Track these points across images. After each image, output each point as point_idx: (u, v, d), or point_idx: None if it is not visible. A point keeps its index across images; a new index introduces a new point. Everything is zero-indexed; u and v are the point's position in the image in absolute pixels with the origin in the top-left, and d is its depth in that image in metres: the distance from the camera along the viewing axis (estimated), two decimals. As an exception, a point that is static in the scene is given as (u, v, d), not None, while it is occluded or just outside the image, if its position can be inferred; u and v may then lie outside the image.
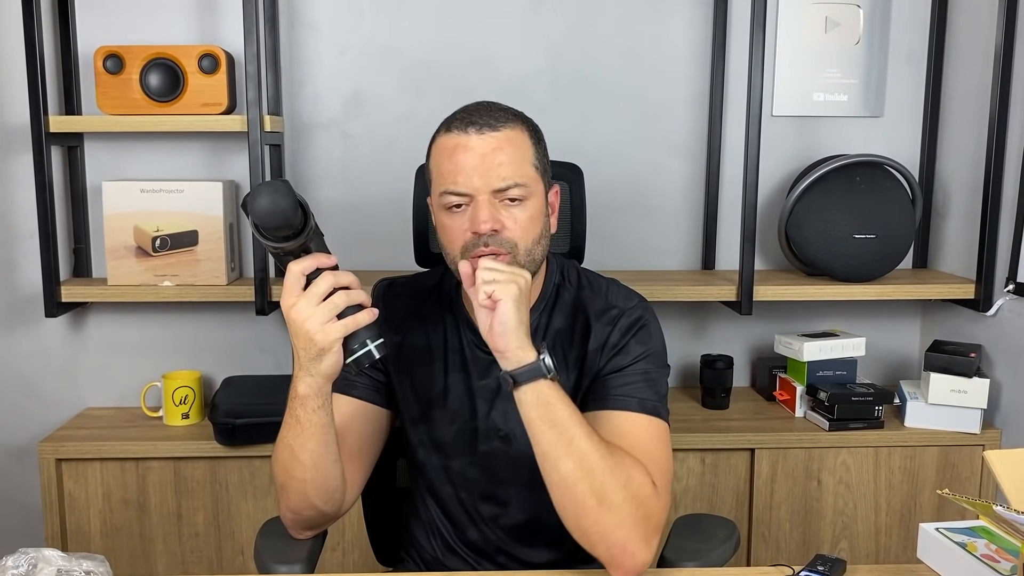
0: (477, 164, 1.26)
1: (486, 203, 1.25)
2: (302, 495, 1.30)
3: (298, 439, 1.25)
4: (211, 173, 2.28)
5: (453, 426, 1.39)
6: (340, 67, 2.29)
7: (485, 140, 1.26)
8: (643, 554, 1.18)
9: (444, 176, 1.28)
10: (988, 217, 2.12)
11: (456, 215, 1.28)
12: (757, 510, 2.14)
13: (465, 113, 1.30)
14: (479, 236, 1.25)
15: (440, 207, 1.30)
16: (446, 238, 1.30)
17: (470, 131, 1.27)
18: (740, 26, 2.28)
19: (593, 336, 1.35)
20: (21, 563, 1.06)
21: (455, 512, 1.43)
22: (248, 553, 2.11)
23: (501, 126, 1.28)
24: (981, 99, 2.16)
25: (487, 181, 1.25)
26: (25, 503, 2.30)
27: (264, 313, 2.12)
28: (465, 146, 1.26)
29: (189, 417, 2.19)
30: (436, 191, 1.30)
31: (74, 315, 2.30)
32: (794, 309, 2.42)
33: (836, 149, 2.34)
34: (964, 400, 2.10)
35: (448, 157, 1.27)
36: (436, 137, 1.32)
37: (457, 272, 1.27)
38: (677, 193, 2.39)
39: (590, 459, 1.17)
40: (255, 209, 1.13)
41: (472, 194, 1.26)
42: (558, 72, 2.32)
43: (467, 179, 1.26)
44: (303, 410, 1.23)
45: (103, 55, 2.06)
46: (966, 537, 1.25)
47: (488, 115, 1.29)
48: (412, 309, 1.43)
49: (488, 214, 1.25)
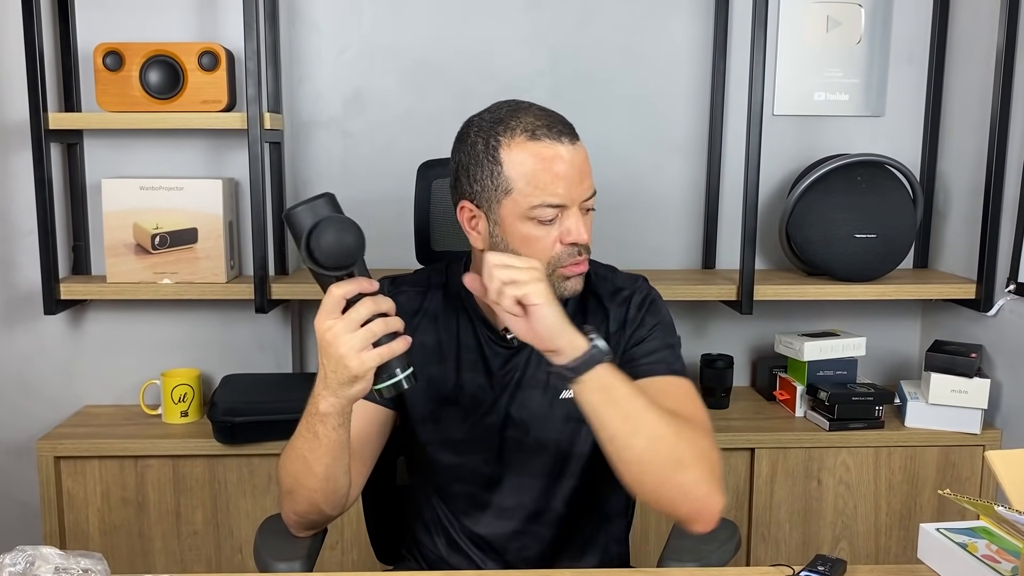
0: (575, 175, 1.26)
1: (579, 214, 1.28)
2: (311, 502, 1.30)
3: (314, 453, 1.24)
4: (211, 171, 2.28)
5: (466, 423, 1.39)
6: (340, 65, 2.29)
7: (577, 151, 1.27)
8: (721, 501, 1.22)
9: (541, 187, 1.25)
10: (989, 217, 2.11)
11: (544, 226, 1.27)
12: (757, 510, 2.14)
13: (542, 120, 1.27)
14: (575, 246, 1.27)
15: (523, 217, 1.26)
16: (530, 250, 1.27)
17: (564, 141, 1.26)
18: (741, 25, 2.28)
19: (612, 317, 1.39)
20: (19, 561, 1.06)
21: (465, 508, 1.42)
22: (247, 551, 2.11)
23: (577, 135, 1.29)
24: (982, 99, 2.16)
25: (581, 192, 1.28)
26: (23, 501, 2.30)
27: (263, 311, 2.11)
28: (563, 157, 1.26)
29: (188, 415, 2.19)
30: (524, 203, 1.26)
31: (73, 313, 2.30)
32: (794, 309, 2.42)
33: (837, 149, 2.33)
34: (964, 400, 2.10)
35: (547, 167, 1.25)
36: (514, 143, 1.26)
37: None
38: (678, 192, 2.39)
39: (659, 429, 1.18)
40: (320, 247, 1.12)
41: (568, 205, 1.27)
42: (558, 71, 2.31)
43: (567, 190, 1.26)
44: (323, 427, 1.22)
45: (103, 52, 2.06)
46: (967, 538, 1.24)
47: (564, 123, 1.29)
48: (421, 307, 1.42)
49: (585, 225, 1.28)
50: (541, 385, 1.38)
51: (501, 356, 1.39)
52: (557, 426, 1.38)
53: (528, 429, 1.38)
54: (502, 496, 1.41)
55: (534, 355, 1.37)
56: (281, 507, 1.36)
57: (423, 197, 1.67)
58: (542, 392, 1.38)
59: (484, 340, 1.40)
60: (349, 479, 1.31)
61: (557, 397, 1.38)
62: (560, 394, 1.38)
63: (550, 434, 1.38)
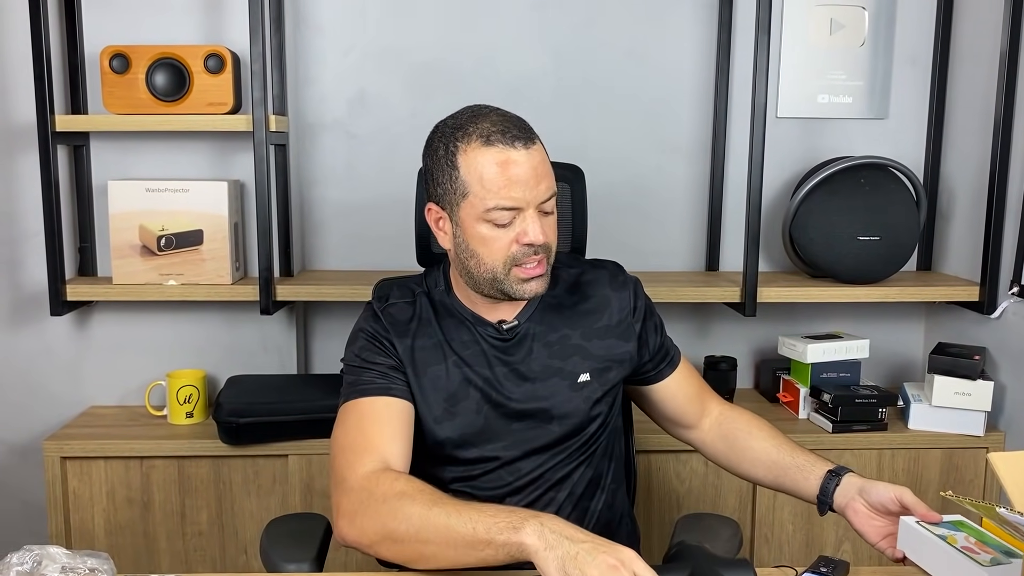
0: (529, 178, 1.30)
1: (535, 215, 1.32)
2: (398, 558, 1.22)
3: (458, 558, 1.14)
4: (216, 173, 2.29)
5: (479, 415, 1.41)
6: (345, 68, 2.30)
7: (531, 155, 1.31)
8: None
9: (494, 191, 1.30)
10: (993, 219, 2.12)
11: (500, 228, 1.32)
12: (760, 511, 2.14)
13: (498, 125, 1.31)
14: (531, 247, 1.32)
15: (479, 219, 1.32)
16: (487, 250, 1.33)
17: (517, 146, 1.30)
18: (745, 27, 2.28)
19: (618, 304, 1.49)
20: (26, 560, 1.07)
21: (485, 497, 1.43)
22: (251, 551, 2.12)
23: (533, 137, 1.34)
24: (986, 101, 2.16)
25: (536, 194, 1.31)
26: (29, 501, 2.31)
27: (268, 313, 2.12)
28: (516, 162, 1.30)
29: (193, 416, 2.20)
30: (477, 203, 1.31)
31: (79, 314, 2.31)
32: (798, 311, 2.42)
33: (840, 151, 2.34)
34: (968, 403, 2.10)
35: (500, 171, 1.29)
36: (465, 147, 1.31)
37: (494, 279, 1.34)
38: (681, 194, 2.40)
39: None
40: None
41: (523, 207, 1.31)
42: (562, 73, 2.32)
43: (521, 193, 1.30)
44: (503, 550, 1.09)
45: (109, 55, 2.07)
46: (946, 530, 1.25)
47: (520, 128, 1.33)
48: (414, 314, 1.45)
49: (540, 226, 1.32)
50: (552, 372, 1.43)
51: (500, 347, 1.42)
52: (573, 409, 1.43)
53: (545, 415, 1.42)
54: (521, 476, 1.43)
55: (542, 345, 1.42)
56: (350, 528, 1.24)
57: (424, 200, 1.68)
58: (554, 379, 1.42)
59: (480, 336, 1.43)
60: None
61: (573, 381, 1.43)
62: (578, 378, 1.43)
63: (566, 416, 1.43)
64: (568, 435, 1.44)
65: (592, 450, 1.48)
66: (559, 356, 1.43)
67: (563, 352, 1.43)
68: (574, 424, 1.43)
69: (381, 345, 1.41)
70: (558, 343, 1.44)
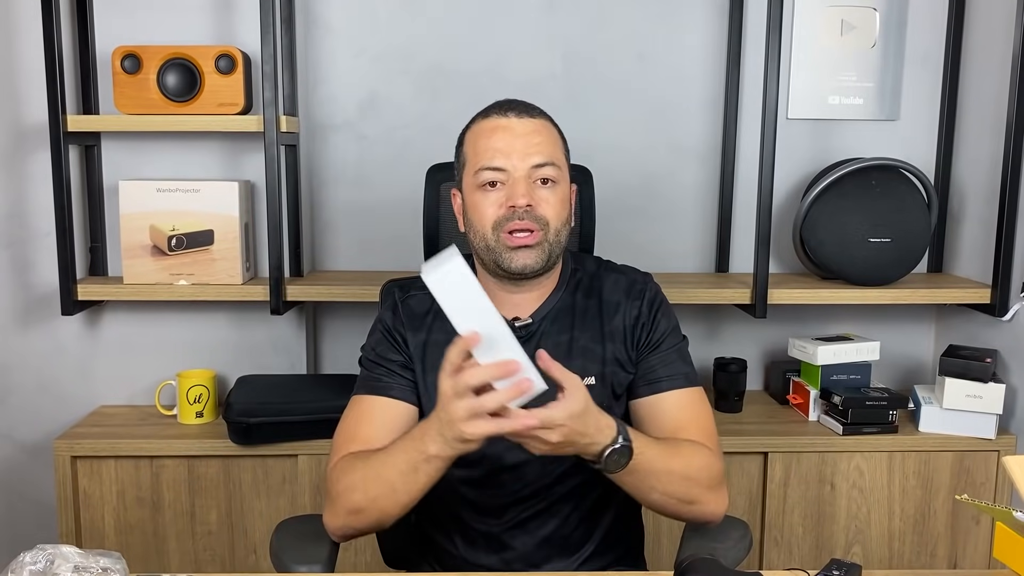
0: (516, 142, 1.34)
1: (523, 179, 1.34)
2: (378, 523, 1.32)
3: (407, 486, 1.25)
4: (227, 173, 2.29)
5: None
6: (355, 69, 2.30)
7: (524, 123, 1.36)
8: (723, 506, 1.37)
9: (482, 154, 1.35)
10: (1004, 221, 2.11)
11: (490, 192, 1.35)
12: (770, 514, 2.13)
13: (501, 102, 1.40)
14: (514, 210, 1.33)
15: (474, 186, 1.36)
16: (477, 215, 1.36)
17: (510, 115, 1.36)
18: (755, 29, 2.28)
19: (626, 311, 1.45)
20: (39, 559, 1.07)
21: (488, 498, 1.44)
22: (261, 552, 2.12)
23: (536, 114, 1.39)
24: (998, 103, 2.15)
25: (525, 159, 1.34)
26: (39, 500, 2.32)
27: (279, 313, 2.13)
28: (506, 127, 1.35)
29: (203, 416, 2.20)
30: (471, 170, 1.37)
31: (90, 313, 2.31)
32: (808, 312, 2.41)
33: (851, 152, 2.33)
34: (979, 405, 2.09)
35: (487, 137, 1.36)
36: (471, 126, 1.41)
37: (487, 248, 1.36)
38: (691, 196, 2.39)
39: (670, 480, 1.30)
40: None
41: (510, 171, 1.34)
42: (572, 75, 2.32)
43: (506, 157, 1.34)
44: (427, 467, 1.23)
45: (121, 55, 2.08)
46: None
47: (524, 105, 1.40)
48: (431, 307, 1.44)
49: (525, 189, 1.33)
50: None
51: None
52: None
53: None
54: (527, 484, 1.42)
55: (549, 346, 1.40)
56: (333, 517, 1.35)
57: (432, 200, 1.68)
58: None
59: None
60: None
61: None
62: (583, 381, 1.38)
63: None
64: None
65: None
66: (564, 357, 1.40)
67: (569, 354, 1.42)
68: None
69: (394, 341, 1.43)
70: (566, 344, 1.43)
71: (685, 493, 1.32)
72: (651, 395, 1.42)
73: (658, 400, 1.41)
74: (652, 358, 1.43)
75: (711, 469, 1.34)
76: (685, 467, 1.31)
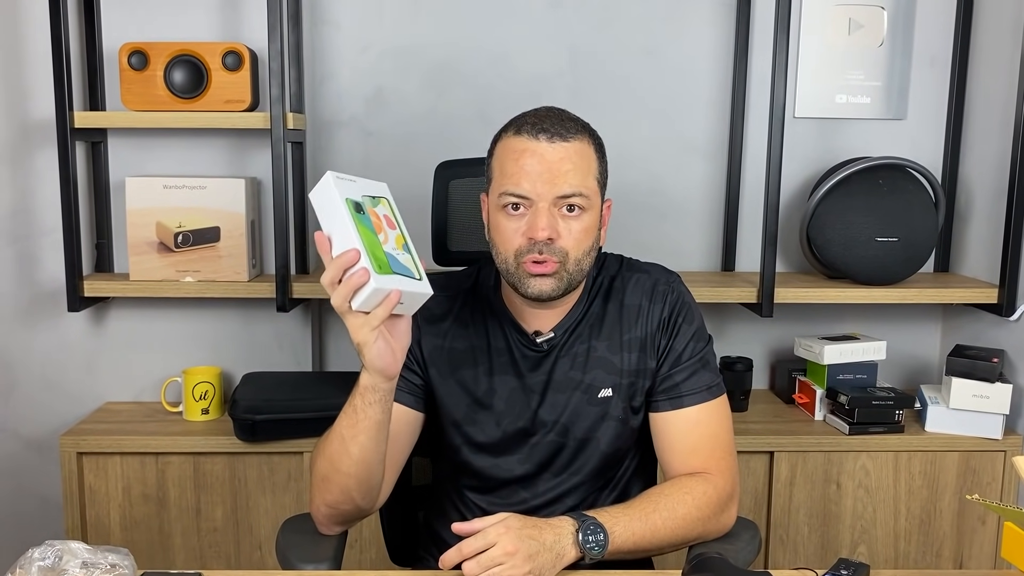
0: (543, 171, 1.28)
1: (546, 210, 1.28)
2: (344, 489, 1.31)
3: (351, 430, 1.26)
4: (234, 170, 2.29)
5: (500, 427, 1.40)
6: (362, 65, 2.30)
7: (555, 149, 1.29)
8: (732, 520, 1.39)
9: (508, 177, 1.30)
10: (1012, 221, 2.10)
11: (513, 217, 1.31)
12: (776, 513, 2.13)
13: (536, 119, 1.31)
14: (534, 242, 1.28)
15: (497, 206, 1.32)
16: (500, 238, 1.33)
17: (541, 138, 1.29)
18: (763, 27, 2.27)
19: (648, 316, 1.41)
20: (48, 555, 1.07)
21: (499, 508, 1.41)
22: (266, 548, 2.12)
23: (571, 137, 1.30)
24: (1006, 102, 2.15)
25: (551, 188, 1.28)
26: (45, 496, 2.32)
27: (285, 310, 2.13)
28: (534, 151, 1.29)
29: (209, 413, 2.20)
30: (496, 190, 1.32)
31: (96, 310, 2.32)
32: (815, 312, 2.41)
33: (858, 151, 2.33)
34: (986, 405, 2.08)
35: (515, 159, 1.29)
36: (502, 136, 1.34)
37: (507, 272, 1.32)
38: (698, 194, 2.39)
39: (667, 533, 1.30)
40: None
41: (534, 199, 1.28)
42: (579, 72, 2.32)
43: (532, 184, 1.28)
44: (360, 400, 1.25)
45: (128, 51, 2.08)
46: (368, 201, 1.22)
47: (560, 124, 1.31)
48: (450, 311, 1.43)
49: (547, 222, 1.28)
50: (573, 386, 1.40)
51: (531, 359, 1.40)
52: (591, 425, 1.40)
53: (562, 430, 1.40)
54: (537, 494, 1.42)
55: (565, 357, 1.39)
56: (312, 501, 1.37)
57: (440, 197, 1.68)
58: (575, 392, 1.40)
59: (514, 343, 1.41)
60: (383, 471, 1.32)
61: (593, 396, 1.39)
62: (598, 393, 1.39)
63: (584, 433, 1.40)
64: (584, 454, 1.40)
65: (615, 474, 1.44)
66: (581, 369, 1.40)
67: (586, 365, 1.40)
68: (588, 438, 1.40)
69: None
70: (583, 355, 1.40)
71: (686, 535, 1.33)
72: (671, 410, 1.39)
73: (676, 417, 1.39)
74: (673, 370, 1.40)
75: (709, 496, 1.34)
76: (684, 515, 1.31)
